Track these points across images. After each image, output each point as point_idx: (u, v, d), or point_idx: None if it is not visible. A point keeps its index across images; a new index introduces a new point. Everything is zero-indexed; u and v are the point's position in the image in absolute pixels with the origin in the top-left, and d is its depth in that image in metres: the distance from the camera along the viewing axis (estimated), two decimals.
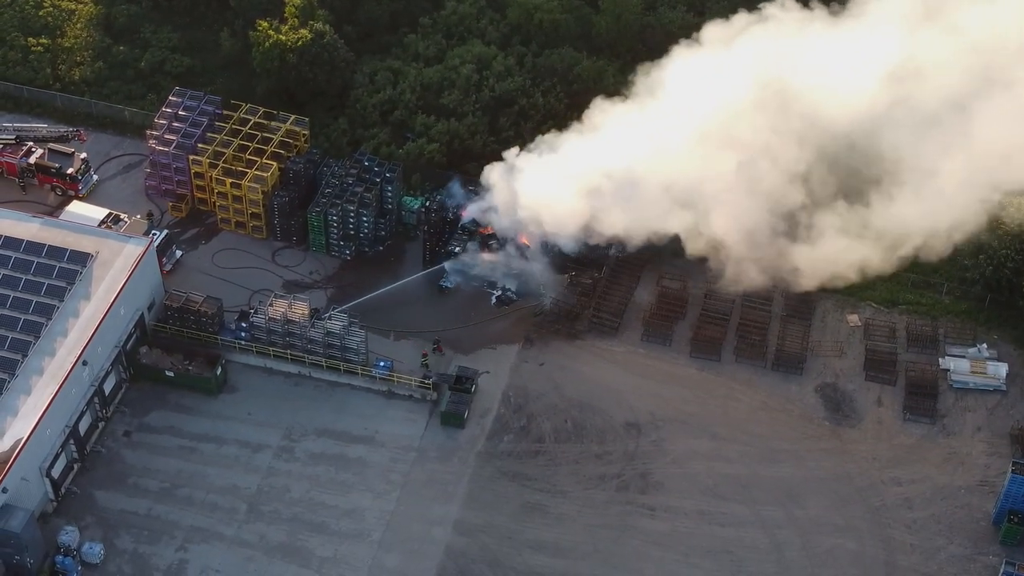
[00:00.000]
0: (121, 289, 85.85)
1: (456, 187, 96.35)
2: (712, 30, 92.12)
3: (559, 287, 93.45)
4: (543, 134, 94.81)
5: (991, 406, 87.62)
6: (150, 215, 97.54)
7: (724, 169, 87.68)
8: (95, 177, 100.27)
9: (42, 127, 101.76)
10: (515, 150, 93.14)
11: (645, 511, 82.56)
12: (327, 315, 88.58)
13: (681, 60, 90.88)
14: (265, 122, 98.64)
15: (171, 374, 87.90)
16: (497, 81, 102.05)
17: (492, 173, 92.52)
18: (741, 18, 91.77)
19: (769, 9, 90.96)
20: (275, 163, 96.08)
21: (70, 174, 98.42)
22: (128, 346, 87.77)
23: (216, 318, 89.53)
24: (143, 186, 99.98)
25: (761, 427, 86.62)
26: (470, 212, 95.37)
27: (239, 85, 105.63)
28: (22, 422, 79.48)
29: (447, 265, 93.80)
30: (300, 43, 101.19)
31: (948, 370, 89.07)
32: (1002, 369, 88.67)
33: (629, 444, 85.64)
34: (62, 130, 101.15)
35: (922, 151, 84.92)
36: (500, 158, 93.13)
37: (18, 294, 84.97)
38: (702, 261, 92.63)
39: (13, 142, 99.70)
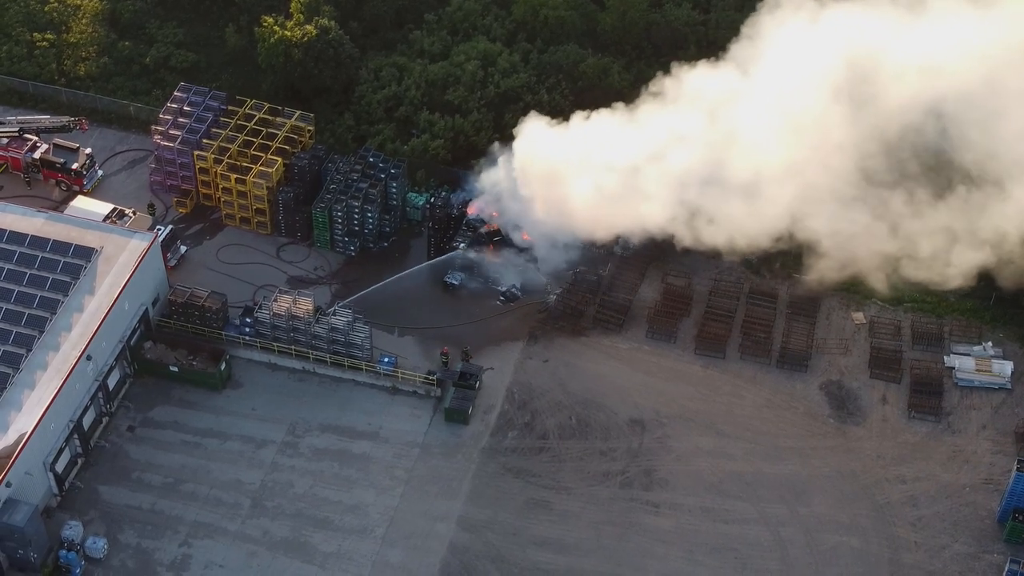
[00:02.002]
0: (125, 284, 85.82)
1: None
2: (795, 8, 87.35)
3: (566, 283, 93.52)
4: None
5: (996, 404, 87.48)
6: (151, 207, 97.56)
7: (815, 160, 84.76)
8: (100, 172, 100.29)
9: (44, 118, 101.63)
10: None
11: (649, 508, 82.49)
12: (331, 310, 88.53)
13: (772, 39, 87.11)
14: (270, 118, 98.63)
15: (175, 369, 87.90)
16: (502, 78, 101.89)
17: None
18: None
19: None
20: (280, 159, 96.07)
21: (75, 169, 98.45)
22: (132, 341, 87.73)
23: (220, 313, 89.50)
24: (148, 181, 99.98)
25: (766, 424, 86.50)
26: (478, 208, 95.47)
27: (244, 81, 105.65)
28: (26, 417, 79.51)
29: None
30: (305, 39, 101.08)
31: (953, 368, 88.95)
32: (1007, 367, 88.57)
33: (633, 441, 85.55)
34: (64, 120, 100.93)
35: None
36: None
37: (23, 289, 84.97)
38: (797, 259, 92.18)
39: (16, 135, 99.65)
